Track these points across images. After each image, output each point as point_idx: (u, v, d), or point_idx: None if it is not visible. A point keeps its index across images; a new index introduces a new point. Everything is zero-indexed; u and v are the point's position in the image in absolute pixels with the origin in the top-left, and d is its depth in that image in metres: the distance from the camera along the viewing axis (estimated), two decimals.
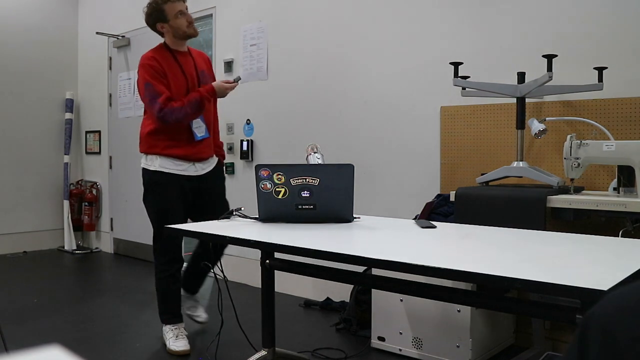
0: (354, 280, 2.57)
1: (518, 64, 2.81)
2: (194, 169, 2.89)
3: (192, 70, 2.87)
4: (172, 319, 2.90)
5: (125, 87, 5.47)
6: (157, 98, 2.71)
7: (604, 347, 0.55)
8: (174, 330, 2.87)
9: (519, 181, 2.76)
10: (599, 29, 2.69)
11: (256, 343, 2.81)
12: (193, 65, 2.89)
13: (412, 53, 3.36)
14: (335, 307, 3.53)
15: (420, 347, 2.67)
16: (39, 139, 5.76)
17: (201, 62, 2.96)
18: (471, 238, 1.82)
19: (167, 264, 2.86)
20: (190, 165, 2.88)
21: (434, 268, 1.30)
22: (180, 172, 2.85)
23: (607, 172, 2.63)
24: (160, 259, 2.88)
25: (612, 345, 0.54)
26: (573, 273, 1.23)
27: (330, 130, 3.74)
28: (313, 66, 3.85)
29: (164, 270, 2.87)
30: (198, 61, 2.94)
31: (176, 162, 2.84)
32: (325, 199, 2.04)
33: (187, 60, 2.89)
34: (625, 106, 2.60)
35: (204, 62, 3.00)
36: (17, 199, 5.59)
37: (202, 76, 2.90)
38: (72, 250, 5.66)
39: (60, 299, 3.85)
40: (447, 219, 2.74)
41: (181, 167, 2.86)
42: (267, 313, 2.39)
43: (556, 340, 2.72)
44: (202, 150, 2.90)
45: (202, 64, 2.96)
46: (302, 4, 3.92)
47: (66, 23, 5.95)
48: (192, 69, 2.88)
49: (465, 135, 3.12)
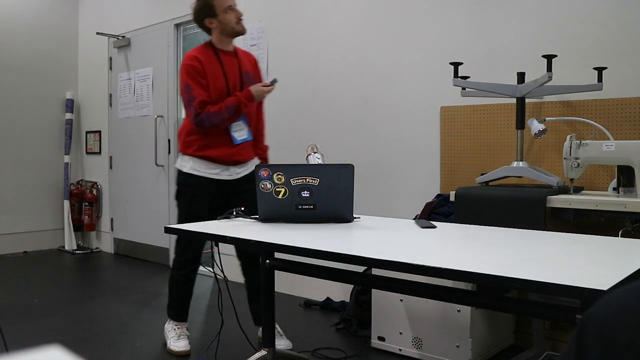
0: (354, 280, 2.57)
1: (518, 64, 2.81)
2: (227, 173, 2.79)
3: (236, 71, 2.78)
4: (176, 316, 2.91)
5: (125, 87, 5.47)
6: (193, 102, 2.65)
7: (603, 348, 0.55)
8: (176, 330, 2.87)
9: (519, 181, 2.76)
10: (599, 29, 2.69)
11: (256, 343, 2.81)
12: (237, 65, 2.80)
13: (412, 53, 3.36)
14: (335, 307, 3.53)
15: (420, 347, 2.67)
16: (40, 139, 5.76)
17: (247, 63, 2.86)
18: (471, 238, 1.82)
19: (183, 262, 2.86)
20: (223, 169, 2.77)
21: (434, 268, 1.30)
22: (211, 176, 2.76)
23: (606, 172, 2.63)
24: (177, 257, 2.89)
25: (611, 347, 0.54)
26: (573, 273, 1.23)
27: (330, 130, 3.74)
28: (313, 66, 3.85)
29: (178, 268, 2.88)
30: (244, 62, 2.84)
31: (209, 165, 2.75)
32: (325, 199, 2.04)
33: (232, 60, 2.79)
34: (625, 106, 2.60)
35: (250, 63, 2.89)
36: (18, 199, 5.59)
37: (247, 77, 2.80)
38: (72, 250, 5.66)
39: (61, 299, 3.86)
40: (447, 219, 2.74)
41: (214, 171, 2.77)
42: (267, 313, 2.39)
43: (556, 340, 2.72)
44: (239, 153, 2.78)
45: (248, 65, 2.86)
46: (302, 4, 3.93)
47: (66, 23, 5.95)
48: (236, 69, 2.79)
49: (465, 135, 3.12)
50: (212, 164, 2.76)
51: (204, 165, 2.76)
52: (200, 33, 3.04)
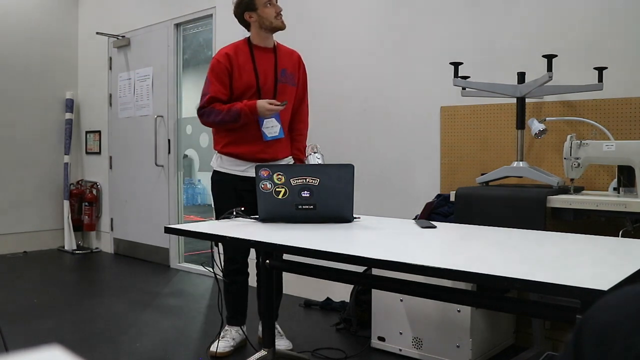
0: (354, 280, 2.57)
1: (518, 64, 2.81)
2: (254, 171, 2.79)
3: (270, 68, 2.73)
4: (229, 319, 2.89)
5: (125, 87, 5.47)
6: (205, 96, 2.67)
7: (599, 352, 0.54)
8: (224, 331, 2.84)
9: (519, 181, 2.76)
10: (599, 29, 2.69)
11: (256, 343, 2.81)
12: (273, 62, 2.75)
13: (412, 53, 3.36)
14: (335, 307, 3.54)
15: (420, 347, 2.67)
16: (39, 139, 5.76)
17: (285, 61, 2.79)
18: (471, 238, 1.82)
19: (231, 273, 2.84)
20: (250, 165, 2.66)
21: (434, 268, 1.30)
22: (237, 173, 2.73)
23: (607, 172, 2.63)
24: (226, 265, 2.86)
25: (607, 351, 0.54)
26: (573, 273, 1.23)
27: (330, 130, 3.74)
28: (312, 66, 3.84)
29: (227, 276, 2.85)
30: (282, 59, 2.78)
31: (236, 162, 2.73)
32: (325, 199, 2.04)
33: (267, 56, 2.75)
34: (625, 106, 2.60)
35: (290, 61, 2.82)
36: (17, 199, 5.59)
37: (283, 75, 2.75)
38: (72, 250, 5.66)
39: (61, 299, 3.85)
40: (447, 219, 2.74)
41: (240, 168, 2.73)
42: (267, 313, 2.39)
43: (556, 340, 2.72)
44: (265, 151, 2.71)
45: (287, 63, 2.79)
46: (301, 5, 3.92)
47: (66, 23, 5.95)
48: (271, 66, 2.73)
49: (465, 135, 3.12)
50: (239, 161, 2.73)
51: (230, 162, 2.75)
52: (200, 33, 3.04)
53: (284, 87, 2.76)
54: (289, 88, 2.78)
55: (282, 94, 2.73)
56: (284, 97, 2.71)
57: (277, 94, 2.72)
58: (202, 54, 5.74)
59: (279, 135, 2.70)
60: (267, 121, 2.67)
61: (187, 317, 3.45)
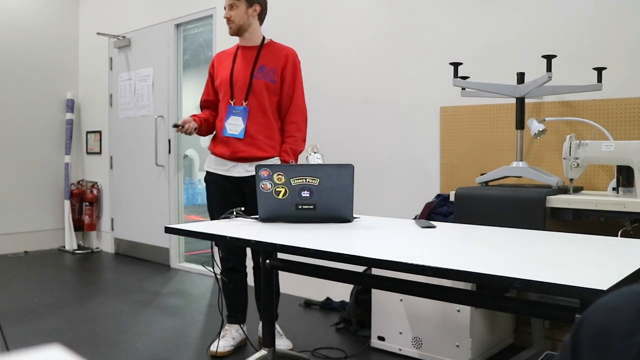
0: (354, 280, 2.57)
1: (518, 64, 2.81)
2: (236, 170, 2.75)
3: (248, 64, 2.75)
4: (229, 318, 2.90)
5: (125, 88, 5.48)
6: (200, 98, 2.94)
7: (597, 354, 0.55)
8: (224, 331, 2.85)
9: (519, 181, 2.76)
10: (599, 29, 2.69)
11: (256, 343, 2.82)
12: (253, 59, 2.76)
13: (412, 53, 3.36)
14: (335, 307, 3.54)
15: (420, 346, 2.67)
16: (40, 139, 5.77)
17: (268, 58, 2.76)
18: (471, 238, 1.82)
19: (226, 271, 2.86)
20: (233, 165, 2.75)
21: (434, 268, 1.31)
22: (221, 172, 2.78)
23: (606, 172, 2.64)
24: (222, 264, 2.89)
25: (605, 353, 0.54)
26: (572, 273, 1.24)
27: (330, 130, 3.74)
28: (312, 66, 3.85)
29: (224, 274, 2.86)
30: (264, 56, 2.76)
31: (221, 161, 2.78)
32: (325, 199, 2.05)
33: (249, 54, 2.78)
34: (624, 106, 2.60)
35: (274, 58, 2.77)
36: (18, 199, 5.60)
37: (260, 71, 2.73)
38: (72, 250, 5.66)
39: (61, 299, 3.86)
40: (447, 219, 2.74)
41: (223, 167, 2.78)
42: (267, 313, 2.39)
43: (555, 339, 2.72)
44: (242, 150, 2.72)
45: (268, 59, 2.76)
46: (301, 5, 3.93)
47: (67, 23, 5.95)
48: (249, 62, 2.75)
49: (465, 135, 3.12)
50: (222, 160, 2.79)
51: (216, 162, 2.81)
52: (200, 33, 3.06)
53: (259, 82, 2.74)
54: (265, 84, 2.74)
55: (256, 90, 2.73)
56: (258, 93, 2.72)
57: (251, 89, 2.73)
58: (203, 54, 5.74)
59: (238, 135, 2.73)
60: (233, 118, 2.75)
61: (187, 317, 3.45)
